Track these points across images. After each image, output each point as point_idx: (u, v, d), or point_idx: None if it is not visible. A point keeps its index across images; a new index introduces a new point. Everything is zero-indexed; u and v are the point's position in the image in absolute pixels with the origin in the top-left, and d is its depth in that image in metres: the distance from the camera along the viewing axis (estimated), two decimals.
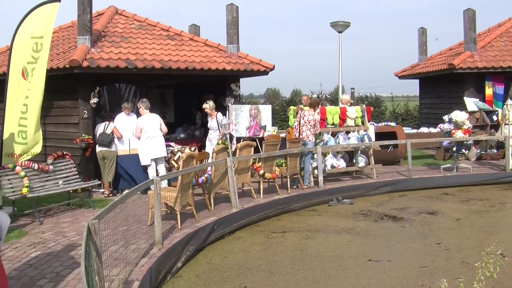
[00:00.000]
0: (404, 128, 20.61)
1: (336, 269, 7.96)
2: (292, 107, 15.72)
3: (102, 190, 12.98)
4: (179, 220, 9.36)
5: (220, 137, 13.64)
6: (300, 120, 13.55)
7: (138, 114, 12.98)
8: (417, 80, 26.26)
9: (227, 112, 16.28)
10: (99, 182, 12.69)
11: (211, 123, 14.20)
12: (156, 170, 12.72)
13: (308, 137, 13.42)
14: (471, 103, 19.35)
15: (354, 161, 14.70)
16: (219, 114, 14.09)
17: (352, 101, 16.24)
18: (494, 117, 18.98)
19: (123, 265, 7.21)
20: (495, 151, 18.24)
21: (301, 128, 13.48)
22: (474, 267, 5.07)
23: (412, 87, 28.92)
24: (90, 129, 13.53)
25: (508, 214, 11.64)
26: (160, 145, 12.70)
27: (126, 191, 10.92)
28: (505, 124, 16.16)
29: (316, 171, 13.64)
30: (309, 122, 13.45)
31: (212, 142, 13.99)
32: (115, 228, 8.35)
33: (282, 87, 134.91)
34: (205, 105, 14.23)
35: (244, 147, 12.11)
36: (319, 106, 14.27)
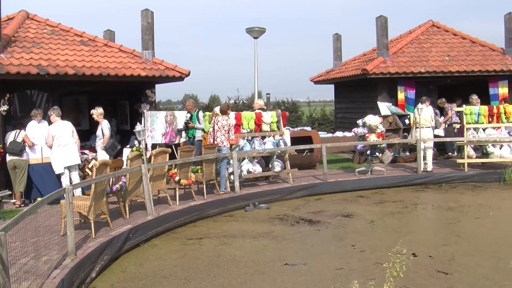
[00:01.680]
0: (320, 132, 20.89)
1: (252, 274, 7.95)
2: (207, 113, 15.67)
3: (13, 201, 12.57)
4: (93, 229, 9.16)
5: (103, 146, 13.28)
6: (214, 126, 13.51)
7: (50, 122, 12.68)
8: (332, 85, 26.66)
9: (143, 118, 16.09)
10: (10, 192, 12.30)
11: (97, 130, 13.67)
12: (70, 178, 12.44)
13: (223, 143, 13.39)
14: (384, 107, 19.78)
15: (270, 166, 14.75)
16: (104, 122, 13.54)
17: (265, 107, 16.31)
18: (406, 121, 19.48)
19: (33, 277, 6.98)
20: (408, 154, 18.70)
21: (215, 134, 13.44)
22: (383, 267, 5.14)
23: (329, 92, 29.69)
24: (0, 137, 13.10)
25: (420, 215, 11.97)
26: (73, 153, 12.42)
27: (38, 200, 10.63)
28: (416, 128, 16.57)
29: (232, 176, 13.63)
30: (223, 128, 13.43)
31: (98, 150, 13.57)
32: (25, 240, 8.11)
33: (200, 93, 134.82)
34: (92, 111, 13.72)
35: (159, 153, 11.96)
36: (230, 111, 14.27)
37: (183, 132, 16.00)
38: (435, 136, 17.46)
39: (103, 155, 13.01)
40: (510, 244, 9.35)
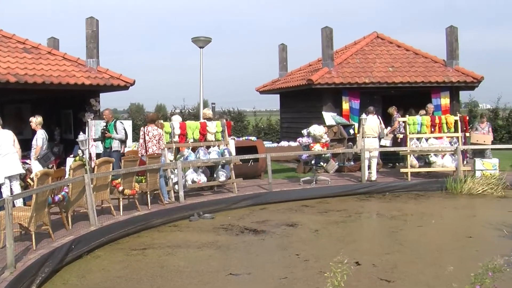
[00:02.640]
0: (265, 142, 20.93)
1: (196, 284, 7.89)
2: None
3: None
4: (34, 240, 8.94)
5: (35, 156, 12.98)
6: (145, 137, 13.39)
7: None
8: (278, 95, 26.77)
9: (87, 127, 15.87)
10: None
11: (33, 140, 13.14)
12: (11, 188, 12.16)
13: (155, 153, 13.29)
14: (329, 117, 19.94)
15: (215, 175, 14.72)
16: (40, 132, 13.02)
17: (211, 116, 16.28)
18: (351, 131, 19.68)
19: None
20: (352, 163, 18.90)
21: (147, 144, 13.34)
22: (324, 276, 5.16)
23: (275, 102, 29.85)
24: None
25: (364, 224, 12.08)
26: (14, 163, 12.11)
27: None
28: (361, 137, 16.75)
29: (176, 186, 13.54)
30: (154, 138, 13.35)
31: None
32: None
33: (146, 102, 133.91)
34: (32, 119, 13.26)
35: (103, 163, 11.81)
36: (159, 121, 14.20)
37: (100, 142, 15.52)
38: (381, 146, 17.70)
39: (36, 166, 12.72)
40: (451, 251, 9.50)
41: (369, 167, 16.56)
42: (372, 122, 16.81)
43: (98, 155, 15.05)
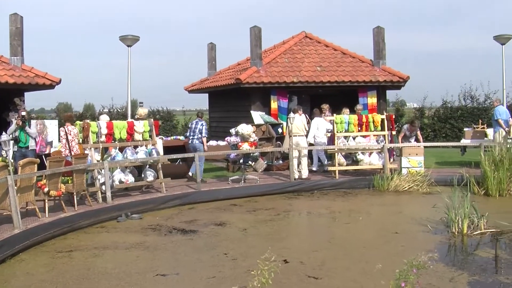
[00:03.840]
0: None
1: (123, 286, 7.74)
2: (78, 122, 15.24)
3: None
4: None
5: None
6: (67, 136, 13.16)
7: None
8: (207, 94, 26.72)
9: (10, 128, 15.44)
10: None
11: None
12: None
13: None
14: (257, 116, 20.01)
15: (142, 175, 14.57)
16: None
17: (146, 116, 16.11)
18: (279, 130, 19.79)
19: None
20: (281, 162, 19.00)
21: (70, 144, 13.11)
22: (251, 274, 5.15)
23: (205, 101, 29.69)
24: None
25: (292, 222, 12.13)
26: None
27: None
28: (289, 136, 16.85)
29: (103, 187, 13.33)
30: (76, 136, 13.15)
31: None
32: None
33: (74, 101, 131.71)
34: None
35: (27, 164, 11.49)
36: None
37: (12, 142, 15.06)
38: (311, 144, 17.86)
39: None
40: (378, 247, 9.63)
41: (299, 165, 16.72)
42: (299, 121, 16.95)
43: (45, 156, 14.60)
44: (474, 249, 9.56)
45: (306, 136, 17.44)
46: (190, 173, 16.89)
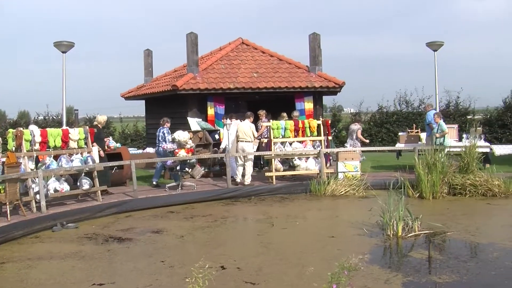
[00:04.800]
0: (130, 149, 20.69)
1: None
2: (11, 130, 14.90)
3: None
4: None
5: None
6: None
7: None
8: (144, 101, 26.51)
9: None
10: None
11: None
12: None
13: None
14: (194, 123, 19.96)
15: (78, 184, 14.35)
16: None
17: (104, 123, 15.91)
18: (216, 136, 19.78)
19: None
20: (218, 168, 18.97)
21: None
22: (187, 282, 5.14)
23: (143, 108, 29.52)
24: None
25: (229, 228, 12.12)
26: None
27: None
28: (237, 141, 16.91)
29: (38, 196, 13.08)
30: None
31: None
32: None
33: (8, 108, 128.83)
34: None
35: None
36: None
37: None
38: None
39: None
40: (314, 251, 9.73)
41: (244, 171, 16.80)
42: (246, 127, 17.04)
43: None
44: (408, 251, 9.76)
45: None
46: (154, 182, 16.83)
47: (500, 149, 18.26)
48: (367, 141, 23.90)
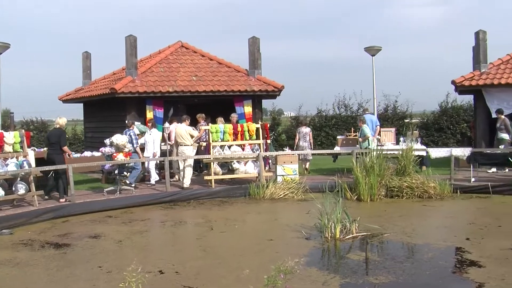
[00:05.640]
0: None
1: None
2: None
3: None
4: None
5: None
6: None
7: None
8: (82, 104, 26.16)
9: None
10: None
11: None
12: None
13: None
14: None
15: (13, 188, 14.06)
16: None
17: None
18: None
19: None
20: (157, 171, 18.84)
21: None
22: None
23: (80, 111, 28.92)
24: None
25: (168, 232, 12.06)
26: None
27: None
28: (176, 145, 16.86)
29: None
30: None
31: None
32: None
33: None
34: None
35: None
36: None
37: None
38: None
39: None
40: (253, 255, 9.79)
41: (183, 174, 16.75)
42: (182, 130, 17.00)
43: None
44: (346, 253, 9.91)
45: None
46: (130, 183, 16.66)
47: (436, 152, 18.62)
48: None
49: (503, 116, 19.19)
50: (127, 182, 16.49)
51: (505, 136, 18.93)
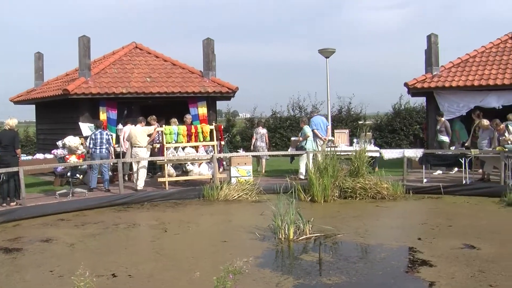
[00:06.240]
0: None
1: None
2: None
3: None
4: None
5: None
6: None
7: None
8: (34, 106, 25.81)
9: None
10: None
11: None
12: None
13: None
14: (86, 128, 19.55)
15: None
16: None
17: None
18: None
19: None
20: (111, 174, 18.68)
21: None
22: None
23: (32, 113, 28.46)
24: None
25: (121, 235, 11.93)
26: None
27: None
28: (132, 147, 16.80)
29: None
30: None
31: None
32: None
33: None
34: None
35: None
36: None
37: None
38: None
39: None
40: (207, 256, 9.77)
41: (137, 176, 16.63)
42: (138, 132, 16.90)
43: None
44: (299, 254, 9.95)
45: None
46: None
47: (389, 153, 18.83)
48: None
49: (443, 119, 19.57)
50: (90, 187, 16.38)
51: (445, 138, 19.31)
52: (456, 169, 19.13)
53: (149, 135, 17.44)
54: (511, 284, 7.79)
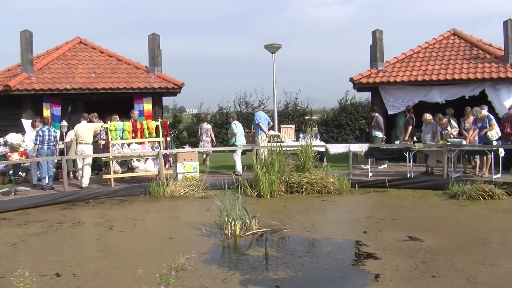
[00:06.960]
0: None
1: None
2: None
3: None
4: None
5: None
6: None
7: None
8: None
9: None
10: None
11: None
12: None
13: None
14: (28, 125, 19.19)
15: None
16: None
17: None
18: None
19: None
20: (55, 170, 18.39)
21: None
22: None
23: None
24: None
25: (66, 233, 11.75)
26: None
27: None
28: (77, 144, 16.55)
29: None
30: None
31: None
32: None
33: None
34: None
35: None
36: None
37: None
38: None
39: None
40: (152, 253, 9.71)
41: (82, 174, 16.42)
42: (85, 128, 16.68)
43: None
44: (246, 249, 9.96)
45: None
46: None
47: (334, 148, 19.00)
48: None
49: (376, 114, 19.87)
50: (45, 185, 16.09)
51: (378, 134, 19.66)
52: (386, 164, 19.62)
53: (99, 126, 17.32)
54: (453, 274, 7.95)
